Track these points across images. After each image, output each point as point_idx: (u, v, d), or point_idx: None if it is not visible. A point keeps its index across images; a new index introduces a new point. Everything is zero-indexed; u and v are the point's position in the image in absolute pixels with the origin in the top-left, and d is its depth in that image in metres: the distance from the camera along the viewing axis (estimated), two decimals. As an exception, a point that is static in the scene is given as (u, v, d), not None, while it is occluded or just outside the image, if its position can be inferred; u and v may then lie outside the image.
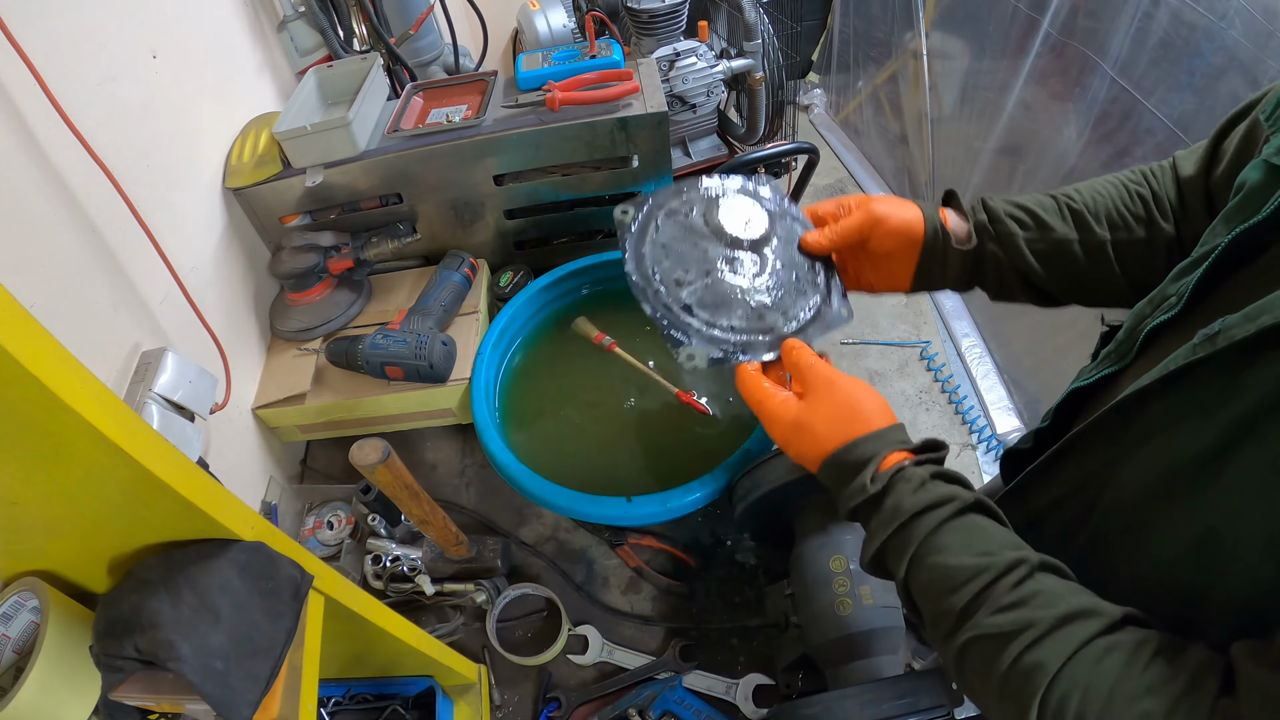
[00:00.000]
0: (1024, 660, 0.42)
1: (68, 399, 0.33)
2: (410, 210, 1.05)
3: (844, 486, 0.55)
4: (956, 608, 0.46)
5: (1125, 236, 0.64)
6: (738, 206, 0.72)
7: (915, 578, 0.50)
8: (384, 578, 0.87)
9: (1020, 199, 0.68)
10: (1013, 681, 0.42)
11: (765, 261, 0.69)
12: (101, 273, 0.72)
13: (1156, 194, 0.65)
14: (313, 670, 0.50)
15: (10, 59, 0.60)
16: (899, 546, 0.51)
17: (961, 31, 2.25)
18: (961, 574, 0.47)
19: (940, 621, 0.47)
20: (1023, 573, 0.45)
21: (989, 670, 0.44)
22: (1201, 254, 0.51)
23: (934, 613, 0.48)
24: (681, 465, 0.87)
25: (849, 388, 0.59)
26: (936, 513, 0.50)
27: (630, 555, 0.90)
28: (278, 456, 1.02)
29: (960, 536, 0.49)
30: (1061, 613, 0.43)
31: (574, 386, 0.98)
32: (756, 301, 0.67)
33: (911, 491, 0.51)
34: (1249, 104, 0.58)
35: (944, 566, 0.48)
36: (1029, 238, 0.66)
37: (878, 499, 0.53)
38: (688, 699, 0.78)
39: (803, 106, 3.35)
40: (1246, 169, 0.50)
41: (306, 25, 1.17)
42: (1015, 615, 0.44)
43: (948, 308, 2.42)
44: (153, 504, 0.41)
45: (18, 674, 0.46)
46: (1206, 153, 0.61)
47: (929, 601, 0.49)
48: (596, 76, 0.99)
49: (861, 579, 0.67)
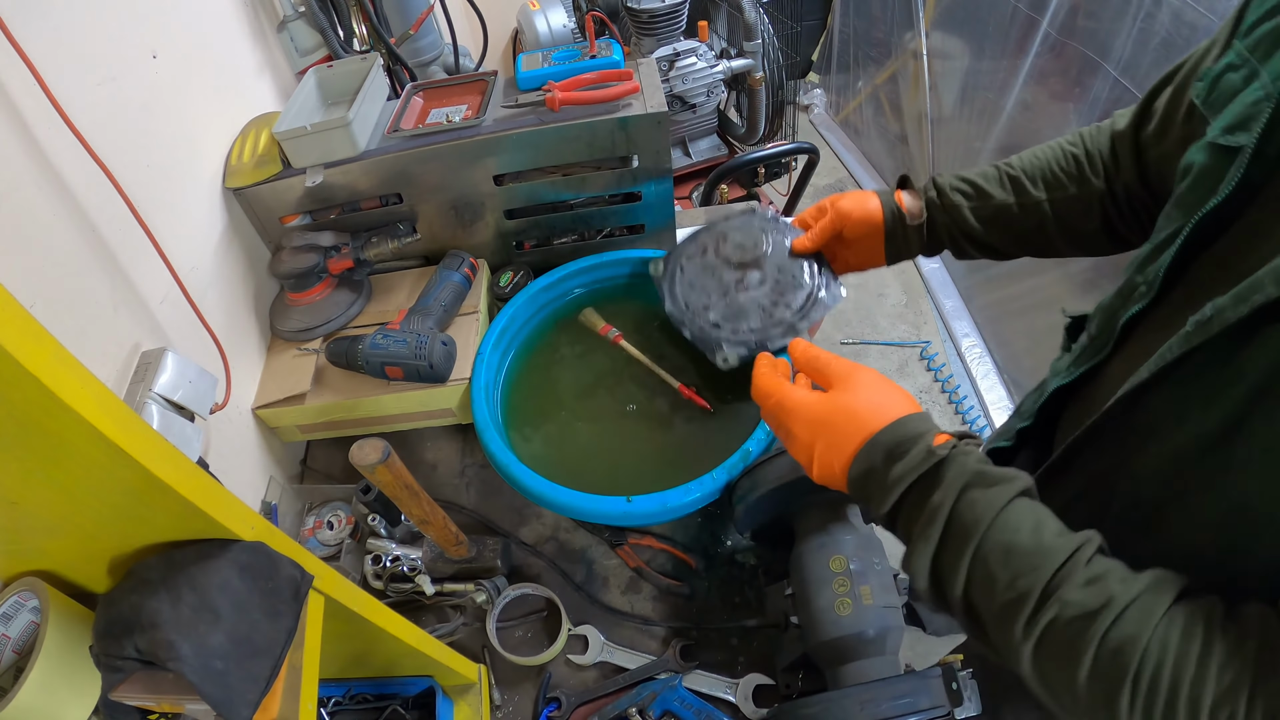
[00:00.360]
0: (1112, 636, 0.41)
1: (68, 399, 0.33)
2: (410, 210, 1.05)
3: (895, 463, 0.51)
4: (1037, 587, 0.44)
5: (1060, 194, 0.72)
6: (738, 235, 0.90)
7: (985, 558, 0.46)
8: (384, 578, 0.87)
9: (965, 173, 0.78)
10: (1103, 659, 0.41)
11: (766, 273, 0.87)
12: (101, 273, 0.72)
13: (1089, 151, 0.71)
14: (313, 670, 0.50)
15: (10, 59, 0.60)
16: (967, 524, 0.48)
17: (961, 31, 2.25)
18: (1042, 551, 0.45)
19: (1017, 605, 0.45)
20: (1091, 551, 0.45)
21: (1076, 649, 0.42)
22: (1164, 239, 0.52)
23: (1009, 596, 0.45)
24: (681, 465, 0.87)
25: (877, 374, 0.58)
26: (1006, 487, 0.48)
27: (630, 555, 0.90)
28: (278, 456, 1.02)
29: (1029, 516, 0.47)
30: (1139, 587, 0.42)
31: (574, 386, 0.98)
32: (766, 304, 0.85)
33: (977, 462, 0.50)
34: (1177, 67, 0.62)
35: (1019, 546, 0.46)
36: (972, 206, 0.76)
37: (937, 469, 0.50)
38: (688, 699, 0.78)
39: (803, 106, 3.35)
40: (1191, 151, 0.51)
41: (306, 25, 1.17)
42: (1097, 590, 0.43)
43: (948, 308, 2.42)
44: (153, 504, 0.41)
45: (18, 674, 0.46)
46: (1139, 110, 0.66)
47: (1002, 584, 0.45)
48: (596, 76, 0.99)
49: (862, 579, 0.67)
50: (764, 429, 0.82)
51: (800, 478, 0.72)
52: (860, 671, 0.65)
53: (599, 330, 1.00)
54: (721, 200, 2.06)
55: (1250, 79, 0.47)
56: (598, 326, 1.01)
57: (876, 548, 0.71)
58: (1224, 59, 0.51)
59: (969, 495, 0.48)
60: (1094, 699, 0.42)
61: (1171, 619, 0.41)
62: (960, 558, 0.47)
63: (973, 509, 0.48)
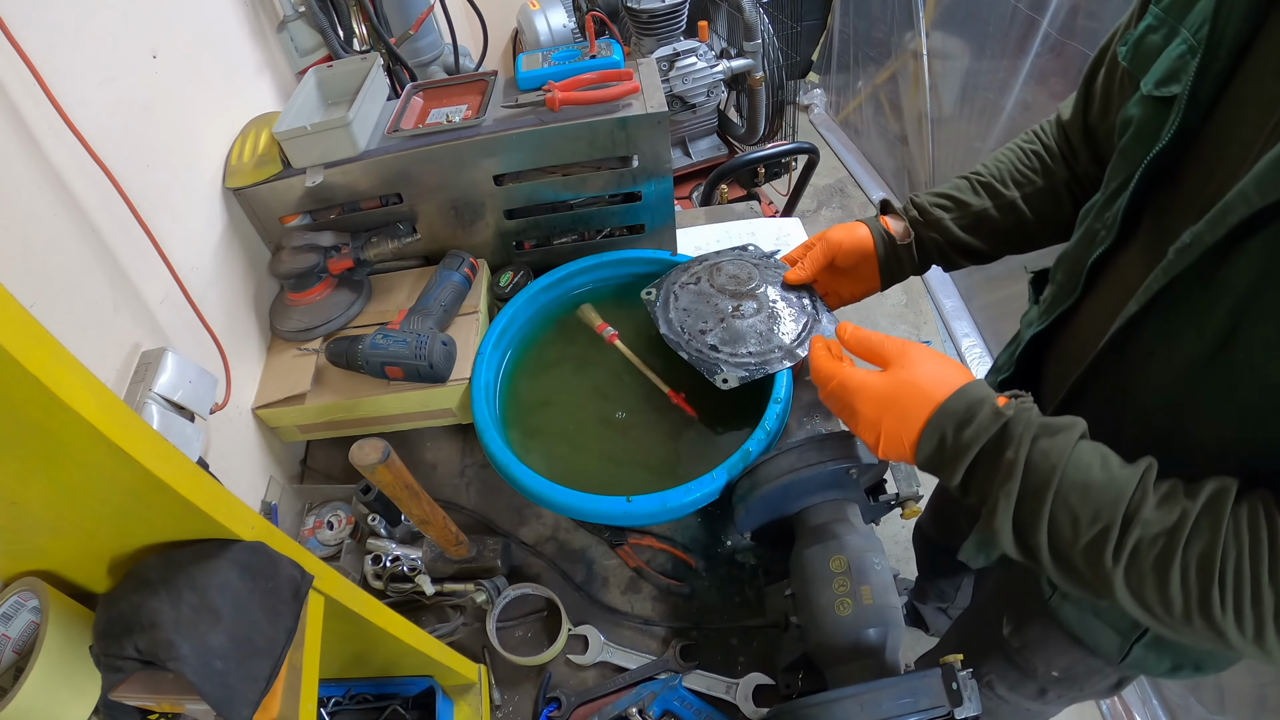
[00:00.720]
0: (1193, 545, 0.45)
1: (68, 399, 0.33)
2: (410, 210, 1.05)
3: (965, 428, 0.54)
4: (1119, 516, 0.48)
5: (1030, 189, 0.77)
6: (732, 268, 0.92)
7: (1066, 499, 0.49)
8: (384, 578, 0.87)
9: (939, 188, 0.82)
10: (1190, 567, 0.46)
11: (761, 303, 0.88)
12: (101, 273, 0.72)
13: (1047, 145, 0.77)
14: (313, 670, 0.50)
15: (10, 59, 0.60)
16: (1044, 472, 0.50)
17: (961, 31, 2.25)
18: (1115, 483, 0.49)
19: (1103, 536, 0.48)
20: (1154, 473, 0.49)
21: (1164, 564, 0.46)
22: (1116, 187, 0.57)
23: (1095, 530, 0.48)
24: (682, 465, 0.87)
25: (929, 349, 0.62)
26: (1069, 433, 0.51)
27: (630, 555, 0.90)
28: (278, 456, 1.02)
29: (1096, 455, 0.50)
30: (1205, 497, 0.47)
31: (574, 386, 0.98)
32: (762, 330, 0.86)
33: (1038, 415, 0.53)
34: (1103, 48, 0.67)
35: (1094, 482, 0.49)
36: (954, 217, 0.80)
37: (1006, 428, 0.53)
38: (688, 699, 0.78)
39: (803, 106, 3.35)
40: (1128, 106, 0.57)
41: (306, 25, 1.17)
42: (1170, 508, 0.47)
43: (948, 308, 2.42)
44: (153, 504, 0.41)
45: (18, 674, 0.46)
46: (1080, 98, 0.72)
47: (1085, 520, 0.49)
48: (596, 76, 0.99)
49: (862, 579, 0.67)
50: (763, 429, 0.82)
51: (800, 478, 0.72)
52: (860, 672, 0.65)
53: (595, 327, 1.00)
54: (721, 200, 2.06)
55: (1171, 36, 0.53)
56: (594, 324, 1.01)
57: (876, 548, 0.71)
58: (1142, 23, 0.57)
59: (1040, 445, 0.51)
60: (1188, 604, 0.46)
61: (1237, 518, 0.45)
62: (1042, 504, 0.50)
63: (1046, 458, 0.51)
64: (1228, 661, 0.71)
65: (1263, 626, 0.44)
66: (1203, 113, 0.50)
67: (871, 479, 0.76)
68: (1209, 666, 0.71)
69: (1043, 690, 0.87)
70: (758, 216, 1.37)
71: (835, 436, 0.74)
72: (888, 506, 0.79)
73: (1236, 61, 0.49)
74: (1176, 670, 0.72)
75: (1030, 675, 0.85)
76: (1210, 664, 0.71)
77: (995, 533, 0.53)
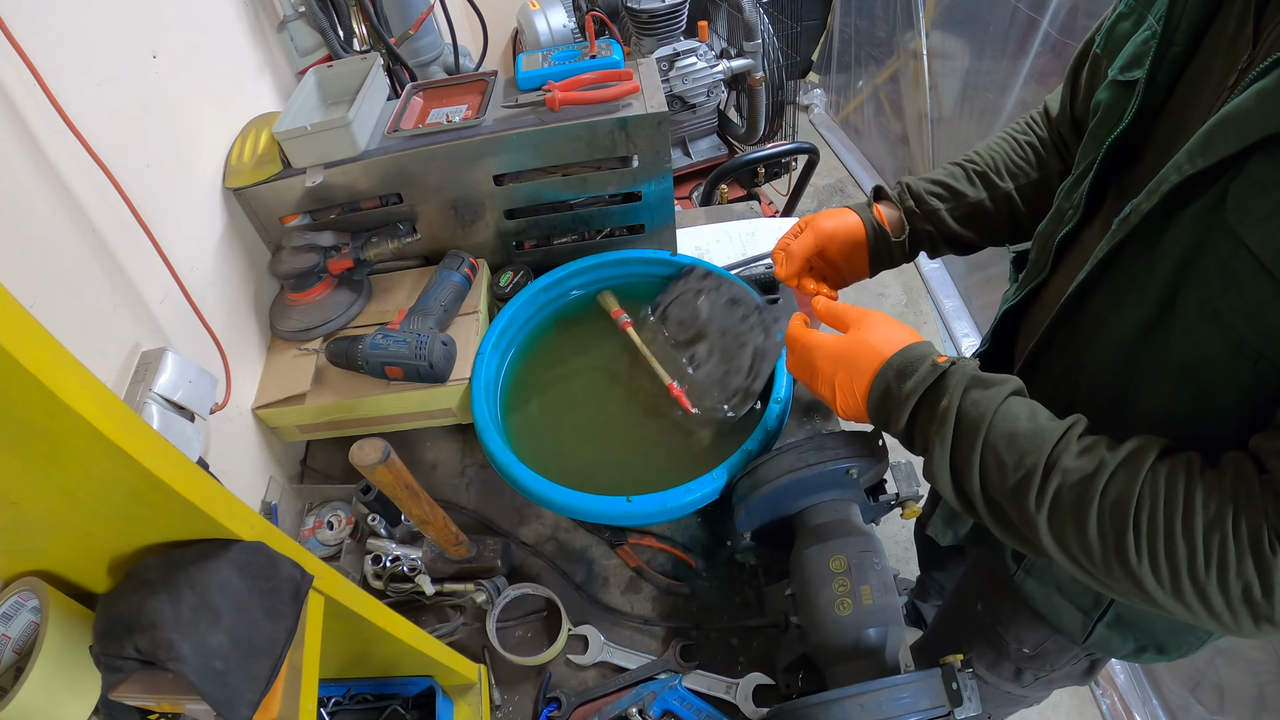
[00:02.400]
0: (1109, 491, 0.48)
1: (68, 399, 0.33)
2: (410, 210, 1.05)
3: (907, 380, 0.59)
4: (1041, 462, 0.50)
5: (1024, 181, 0.77)
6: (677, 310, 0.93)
7: (994, 446, 0.53)
8: (384, 578, 0.87)
9: (934, 174, 0.81)
10: (1106, 512, 0.48)
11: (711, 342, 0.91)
12: (101, 273, 0.72)
13: (1040, 137, 0.78)
14: (313, 670, 0.50)
15: (10, 59, 0.60)
16: (973, 419, 0.54)
17: (961, 31, 2.25)
18: (1040, 433, 0.52)
19: (1026, 482, 0.51)
20: (1081, 428, 0.52)
21: (1082, 509, 0.49)
22: (1085, 167, 0.60)
23: (1018, 475, 0.51)
24: (682, 465, 0.87)
25: (886, 315, 0.66)
26: (1002, 387, 0.55)
27: (630, 555, 0.90)
28: (278, 456, 1.02)
29: (1025, 407, 0.54)
30: (1126, 450, 0.49)
31: (574, 386, 0.98)
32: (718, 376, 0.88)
33: (974, 369, 0.57)
34: (1087, 42, 0.68)
35: (1020, 431, 0.52)
36: (949, 208, 0.79)
37: (942, 379, 0.57)
38: (688, 699, 0.78)
39: (803, 106, 3.35)
40: (1099, 91, 0.60)
41: (306, 25, 1.17)
42: (1091, 457, 0.50)
43: (948, 308, 2.42)
44: (153, 504, 0.41)
45: (18, 674, 0.46)
46: (1066, 92, 0.74)
47: (1011, 466, 0.52)
48: (596, 76, 0.99)
49: (862, 579, 0.67)
50: (763, 429, 0.82)
51: (800, 478, 0.72)
52: (860, 672, 0.65)
53: (611, 313, 1.01)
54: (721, 200, 2.06)
55: (1139, 23, 0.56)
56: (611, 309, 1.01)
57: (877, 548, 0.71)
58: (1116, 10, 0.60)
59: (971, 395, 0.55)
60: (1106, 550, 0.48)
61: (1156, 471, 0.47)
62: (973, 450, 0.54)
63: (976, 407, 0.55)
64: (1190, 646, 0.72)
65: (1178, 578, 0.45)
66: (1163, 95, 0.53)
67: (872, 479, 0.76)
68: (1172, 649, 0.72)
69: (1019, 671, 0.88)
70: (758, 216, 1.37)
71: (835, 436, 0.74)
72: (888, 506, 0.79)
73: (1194, 44, 0.51)
74: (1140, 652, 0.74)
75: (1004, 654, 0.87)
76: (1174, 646, 0.72)
77: (935, 478, 0.57)
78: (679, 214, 1.15)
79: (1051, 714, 1.55)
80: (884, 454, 0.73)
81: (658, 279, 1.05)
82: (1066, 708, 1.56)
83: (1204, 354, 0.48)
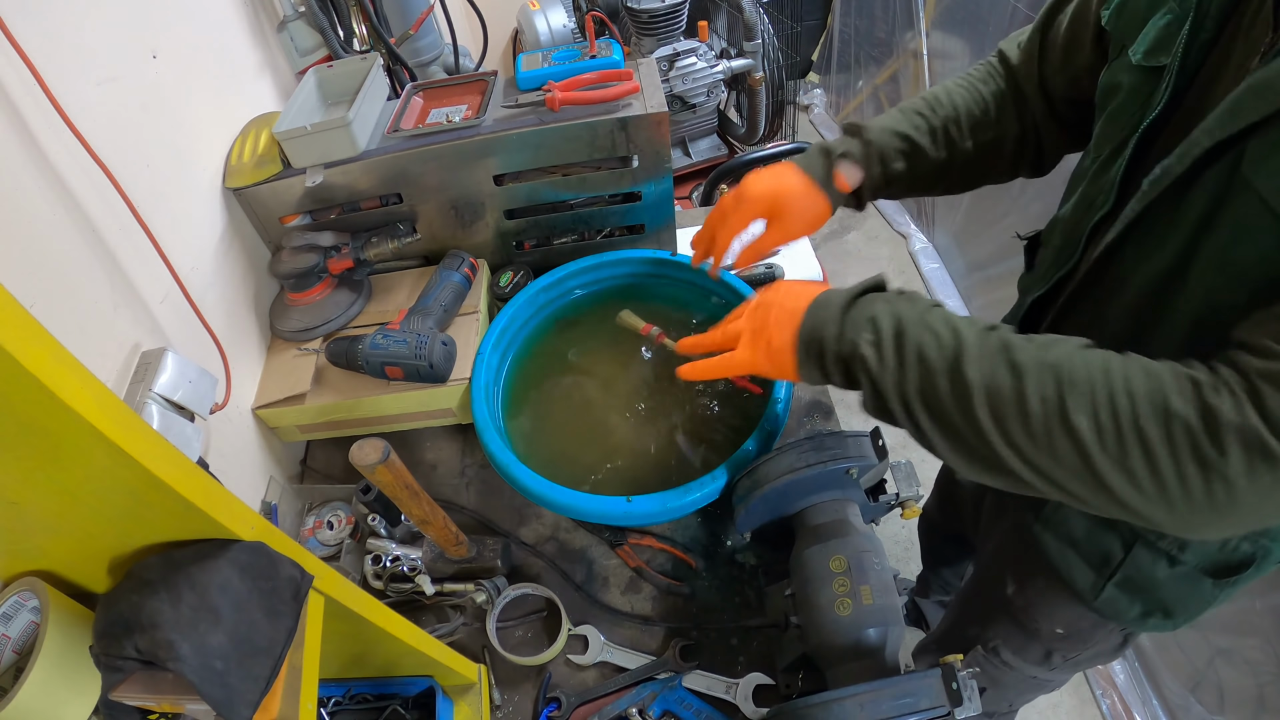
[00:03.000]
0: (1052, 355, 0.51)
1: (68, 399, 0.33)
2: (410, 210, 1.05)
3: (825, 308, 0.61)
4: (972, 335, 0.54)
5: (982, 138, 0.76)
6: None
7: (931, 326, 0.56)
8: (384, 578, 0.87)
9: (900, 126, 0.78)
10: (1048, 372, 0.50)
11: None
12: (101, 273, 0.72)
13: (999, 90, 0.77)
14: (313, 670, 0.50)
15: (10, 59, 0.60)
16: (909, 319, 0.57)
17: (961, 31, 2.25)
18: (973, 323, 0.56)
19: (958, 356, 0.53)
20: (985, 325, 0.56)
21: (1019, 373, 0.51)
22: (1110, 152, 0.61)
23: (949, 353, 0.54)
24: (681, 465, 0.87)
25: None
26: (926, 300, 0.59)
27: (630, 555, 0.90)
28: (278, 456, 1.02)
29: (945, 312, 0.58)
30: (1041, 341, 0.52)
31: (574, 386, 0.98)
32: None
33: (898, 286, 0.61)
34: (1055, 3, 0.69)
35: (945, 330, 0.55)
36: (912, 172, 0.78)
37: (863, 294, 0.60)
38: (688, 699, 0.78)
39: (803, 106, 3.35)
40: (1113, 71, 0.60)
41: (306, 25, 1.17)
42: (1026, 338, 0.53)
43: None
44: (153, 504, 0.41)
45: (18, 674, 0.46)
46: (1034, 48, 0.72)
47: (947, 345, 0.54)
48: (596, 76, 0.99)
49: (862, 579, 0.67)
50: (763, 429, 0.82)
51: (800, 478, 0.72)
52: (860, 672, 0.65)
53: (639, 330, 0.91)
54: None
55: (1155, 4, 0.55)
56: (638, 327, 0.92)
57: (877, 548, 0.71)
58: None
59: (908, 295, 0.60)
60: (1047, 416, 0.49)
61: (1088, 348, 0.51)
62: (904, 346, 0.56)
63: (915, 301, 0.59)
64: (1196, 610, 0.72)
65: (1122, 439, 0.47)
66: (1188, 80, 0.54)
67: (872, 479, 0.76)
68: (1179, 613, 0.72)
69: (1048, 653, 0.86)
70: (758, 216, 1.37)
71: (835, 436, 0.74)
72: (888, 506, 0.79)
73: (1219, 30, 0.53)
74: (1146, 616, 0.73)
75: (1035, 636, 0.85)
76: (1180, 610, 0.72)
77: (875, 382, 0.57)
78: (679, 214, 1.15)
79: (1051, 714, 1.55)
80: (884, 454, 0.73)
81: (658, 279, 1.05)
82: (1066, 707, 1.56)
83: (1214, 304, 0.51)
